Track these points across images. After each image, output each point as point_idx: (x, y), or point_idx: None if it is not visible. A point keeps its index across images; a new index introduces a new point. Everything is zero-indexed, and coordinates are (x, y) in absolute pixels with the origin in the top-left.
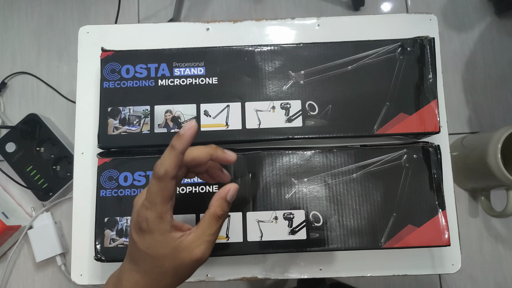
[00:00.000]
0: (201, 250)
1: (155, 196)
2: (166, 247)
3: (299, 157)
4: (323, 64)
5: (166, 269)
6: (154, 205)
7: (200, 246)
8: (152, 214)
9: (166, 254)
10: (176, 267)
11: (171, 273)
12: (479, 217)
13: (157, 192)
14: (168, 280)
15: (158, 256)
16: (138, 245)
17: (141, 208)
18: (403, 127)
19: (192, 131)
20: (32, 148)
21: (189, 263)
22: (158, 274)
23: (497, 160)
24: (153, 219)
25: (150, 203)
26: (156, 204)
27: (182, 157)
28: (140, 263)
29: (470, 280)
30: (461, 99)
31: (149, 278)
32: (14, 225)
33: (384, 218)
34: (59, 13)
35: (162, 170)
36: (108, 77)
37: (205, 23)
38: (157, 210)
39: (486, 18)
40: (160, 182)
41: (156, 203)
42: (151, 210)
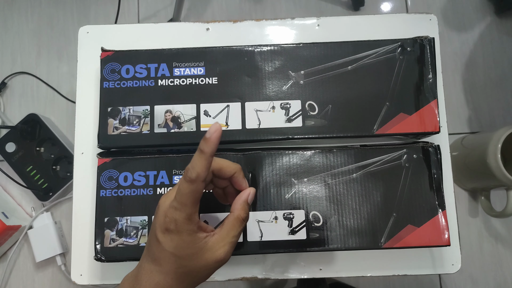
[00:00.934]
0: (225, 251)
1: (186, 198)
2: (193, 247)
3: (299, 157)
4: (323, 64)
5: (190, 270)
6: (184, 207)
7: (223, 247)
8: (181, 215)
9: (192, 254)
10: (200, 268)
11: (194, 274)
12: (479, 217)
13: (188, 194)
14: (190, 280)
15: (184, 256)
16: (164, 245)
17: (169, 209)
18: (403, 127)
19: (217, 133)
20: (32, 148)
21: (212, 263)
22: (181, 275)
23: (497, 160)
24: (182, 220)
25: (180, 205)
26: (186, 206)
27: (211, 160)
28: (163, 263)
29: (470, 280)
30: (461, 99)
31: (171, 279)
32: (14, 225)
33: (384, 218)
34: (59, 13)
35: (194, 174)
36: (108, 77)
37: (205, 23)
38: (187, 211)
39: (486, 18)
40: (192, 184)
41: (187, 204)
42: (180, 211)
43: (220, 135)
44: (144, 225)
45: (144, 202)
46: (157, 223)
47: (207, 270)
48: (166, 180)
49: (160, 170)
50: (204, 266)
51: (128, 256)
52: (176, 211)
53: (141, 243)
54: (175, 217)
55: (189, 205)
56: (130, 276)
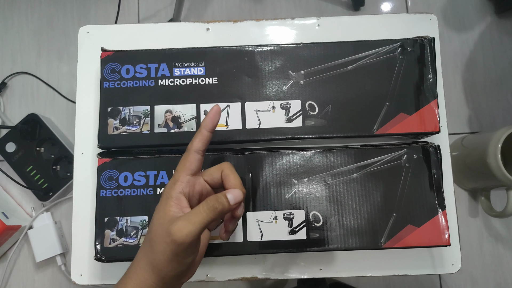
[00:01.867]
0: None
1: (179, 165)
2: (164, 214)
3: (299, 157)
4: (323, 64)
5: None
6: (175, 172)
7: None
8: (170, 180)
9: (162, 222)
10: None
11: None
12: (479, 217)
13: (181, 162)
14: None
15: (158, 223)
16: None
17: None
18: (403, 127)
19: (215, 109)
20: (32, 148)
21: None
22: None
23: (497, 160)
24: (169, 184)
25: (175, 172)
26: (177, 171)
27: (206, 134)
28: (148, 233)
29: (470, 280)
30: (461, 99)
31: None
32: (14, 225)
33: (384, 218)
34: (59, 13)
35: (189, 145)
36: (108, 77)
37: (205, 23)
38: (175, 176)
39: (486, 18)
40: (185, 153)
41: (177, 170)
42: (172, 178)
43: (218, 112)
44: (144, 225)
45: (144, 202)
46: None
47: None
48: (166, 180)
49: (160, 170)
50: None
51: (128, 256)
52: (171, 178)
53: (141, 243)
54: (168, 183)
55: (178, 170)
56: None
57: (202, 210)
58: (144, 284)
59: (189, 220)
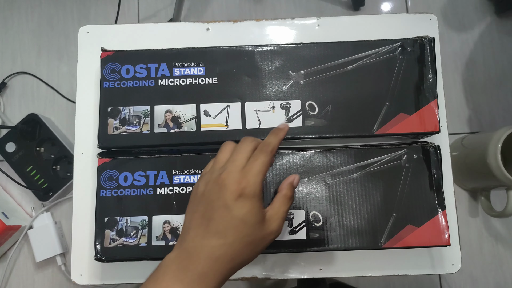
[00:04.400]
0: (278, 224)
1: (262, 166)
2: (259, 215)
3: (299, 157)
4: (323, 64)
5: (253, 239)
6: (260, 173)
7: (277, 221)
8: (257, 180)
9: (257, 222)
10: (261, 237)
11: (255, 243)
12: (479, 217)
13: (264, 163)
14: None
15: (252, 223)
16: (234, 212)
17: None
18: (403, 127)
19: (287, 127)
20: (32, 148)
21: (269, 234)
22: (245, 244)
23: (497, 160)
24: (258, 184)
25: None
26: (261, 173)
27: (279, 143)
28: (229, 234)
29: (470, 280)
30: (461, 99)
31: (233, 250)
32: (14, 225)
33: (384, 218)
34: (59, 13)
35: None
36: (108, 77)
37: (205, 23)
38: (261, 177)
39: (486, 18)
40: (268, 156)
41: (262, 172)
42: (257, 177)
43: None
44: (144, 225)
45: (144, 202)
46: (228, 192)
47: (265, 241)
48: (166, 180)
49: (160, 170)
50: (263, 236)
51: (128, 256)
52: (253, 176)
53: (141, 243)
54: (252, 181)
55: (263, 173)
56: (175, 258)
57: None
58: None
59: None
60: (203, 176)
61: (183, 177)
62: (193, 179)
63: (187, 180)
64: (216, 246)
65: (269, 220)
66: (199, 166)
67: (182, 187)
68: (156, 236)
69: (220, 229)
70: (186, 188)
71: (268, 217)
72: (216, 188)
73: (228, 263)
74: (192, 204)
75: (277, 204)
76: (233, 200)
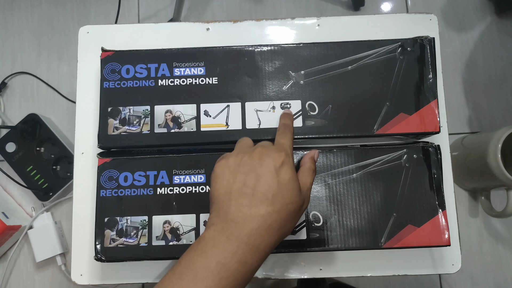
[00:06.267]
0: (308, 195)
1: (291, 141)
2: (298, 182)
3: (299, 157)
4: (323, 64)
5: (295, 207)
6: (291, 147)
7: (307, 191)
8: (291, 150)
9: (296, 188)
10: (298, 207)
11: (296, 212)
12: (479, 217)
13: (292, 138)
14: (291, 219)
15: (295, 189)
16: (280, 178)
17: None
18: (403, 127)
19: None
20: (32, 148)
21: (303, 204)
22: (289, 212)
23: (497, 160)
24: (291, 152)
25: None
26: (292, 147)
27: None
28: (276, 200)
29: (470, 280)
30: (461, 99)
31: (281, 218)
32: (14, 225)
33: (384, 218)
34: (59, 13)
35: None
36: (108, 77)
37: (205, 23)
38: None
39: (486, 18)
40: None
41: (292, 146)
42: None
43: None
44: (144, 225)
45: (144, 202)
46: (272, 160)
47: (301, 211)
48: (166, 180)
49: (160, 170)
50: (300, 205)
51: (128, 256)
52: (288, 148)
53: (141, 243)
54: (289, 151)
55: (292, 147)
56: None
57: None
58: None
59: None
60: (227, 156)
61: (183, 177)
62: (193, 179)
63: (187, 180)
64: (266, 214)
65: (302, 190)
66: (199, 166)
67: (182, 187)
68: (156, 236)
69: (268, 196)
70: (186, 188)
71: (301, 187)
72: (256, 159)
73: (277, 232)
74: (224, 178)
75: (304, 176)
76: (278, 166)
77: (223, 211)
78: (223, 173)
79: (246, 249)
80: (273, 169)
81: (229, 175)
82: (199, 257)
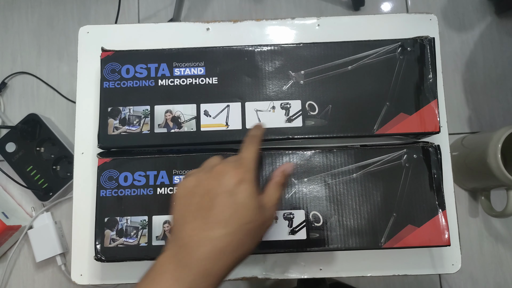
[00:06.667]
0: (273, 211)
1: (256, 153)
2: (258, 199)
3: (299, 157)
4: (323, 64)
5: (254, 226)
6: (254, 160)
7: (272, 207)
8: (252, 165)
9: (257, 207)
10: (259, 224)
11: (254, 231)
12: (479, 217)
13: (257, 151)
14: (250, 241)
15: (253, 207)
16: (236, 197)
17: (244, 161)
18: (403, 127)
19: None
20: (32, 148)
21: (266, 221)
22: (247, 232)
23: (497, 160)
24: (254, 168)
25: (253, 158)
26: (255, 160)
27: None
28: (230, 222)
29: (470, 280)
30: (461, 99)
31: (237, 239)
32: (14, 225)
33: (384, 218)
34: (59, 13)
35: (257, 138)
36: (108, 77)
37: (205, 23)
38: (255, 165)
39: (486, 18)
40: (256, 145)
41: (256, 159)
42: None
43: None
44: (144, 225)
45: (144, 202)
46: (228, 178)
47: (263, 229)
48: (166, 180)
49: (160, 170)
50: (262, 223)
51: (128, 256)
52: (249, 163)
53: (141, 243)
54: (249, 166)
55: (256, 160)
56: (173, 256)
57: (278, 188)
58: None
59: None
60: (189, 175)
61: (183, 177)
62: None
63: None
64: (219, 237)
65: (265, 207)
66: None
67: None
68: (156, 236)
69: (222, 217)
70: None
71: (264, 204)
72: (213, 179)
73: (231, 255)
74: (182, 200)
75: (270, 191)
76: (235, 185)
77: (177, 236)
78: (181, 195)
79: (196, 275)
80: (229, 188)
81: (186, 197)
82: (149, 285)
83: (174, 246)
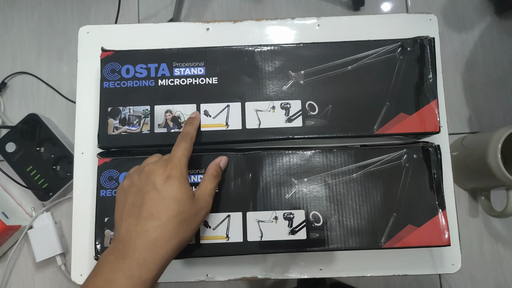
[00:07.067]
0: (207, 200)
1: (186, 151)
2: (188, 193)
3: (299, 157)
4: (323, 64)
5: (186, 216)
6: (183, 157)
7: (206, 197)
8: (182, 162)
9: (187, 199)
10: (193, 214)
11: (189, 220)
12: (479, 217)
13: (187, 149)
14: (185, 229)
15: (182, 200)
16: (164, 193)
17: (172, 158)
18: (403, 127)
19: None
20: (32, 148)
21: (200, 210)
22: (180, 222)
23: (497, 160)
24: (183, 166)
25: (182, 155)
26: (185, 156)
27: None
28: (162, 213)
29: (470, 280)
30: (461, 99)
31: (169, 230)
32: (14, 225)
33: (384, 218)
34: (59, 13)
35: (189, 135)
36: (108, 77)
37: (205, 23)
38: (185, 160)
39: (486, 18)
40: (188, 142)
41: (185, 155)
42: (181, 159)
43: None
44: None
45: None
46: (156, 176)
47: (198, 218)
48: None
49: None
50: (195, 213)
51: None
52: (178, 160)
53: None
54: (180, 163)
55: (186, 157)
56: (112, 250)
57: (211, 179)
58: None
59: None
60: (125, 177)
61: None
62: (193, 179)
63: None
64: (151, 229)
65: (198, 198)
66: (199, 166)
67: None
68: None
69: (152, 211)
70: None
71: (197, 195)
72: (143, 178)
73: (166, 244)
74: (119, 202)
75: (204, 182)
76: (162, 182)
77: (116, 233)
78: (119, 196)
79: (132, 264)
80: (157, 184)
81: (122, 198)
82: (91, 278)
83: (114, 242)
